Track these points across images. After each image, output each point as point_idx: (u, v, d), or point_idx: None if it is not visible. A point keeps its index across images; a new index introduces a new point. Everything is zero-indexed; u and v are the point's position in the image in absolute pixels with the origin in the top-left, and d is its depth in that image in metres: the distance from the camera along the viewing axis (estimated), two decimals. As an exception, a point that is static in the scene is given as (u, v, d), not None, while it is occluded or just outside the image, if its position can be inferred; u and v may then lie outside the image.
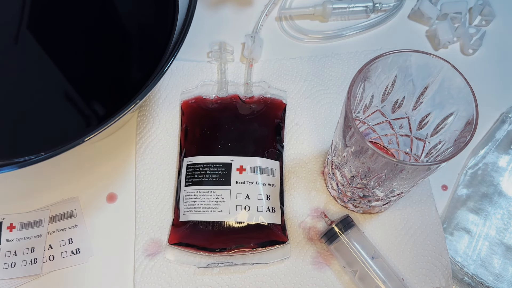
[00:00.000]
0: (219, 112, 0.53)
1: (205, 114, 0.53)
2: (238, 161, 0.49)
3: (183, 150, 0.52)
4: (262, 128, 0.52)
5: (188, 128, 0.52)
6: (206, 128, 0.52)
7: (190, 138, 0.52)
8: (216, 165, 0.49)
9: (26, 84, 0.49)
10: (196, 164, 0.50)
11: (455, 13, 0.59)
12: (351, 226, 0.46)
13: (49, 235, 0.48)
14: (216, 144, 0.51)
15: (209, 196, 0.48)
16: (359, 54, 0.58)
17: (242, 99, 0.54)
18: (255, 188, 0.48)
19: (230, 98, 0.54)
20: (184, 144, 0.52)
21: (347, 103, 0.35)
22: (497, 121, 0.54)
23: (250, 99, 0.54)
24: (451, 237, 0.48)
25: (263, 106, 0.53)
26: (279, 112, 0.54)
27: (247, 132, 0.51)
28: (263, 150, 0.51)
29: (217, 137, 0.51)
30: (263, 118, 0.53)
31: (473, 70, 0.57)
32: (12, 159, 0.43)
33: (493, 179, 0.51)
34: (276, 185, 0.50)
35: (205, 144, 0.51)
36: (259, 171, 0.49)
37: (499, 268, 0.47)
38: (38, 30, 0.52)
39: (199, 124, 0.52)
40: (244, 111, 0.53)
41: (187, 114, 0.53)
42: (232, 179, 0.49)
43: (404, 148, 0.45)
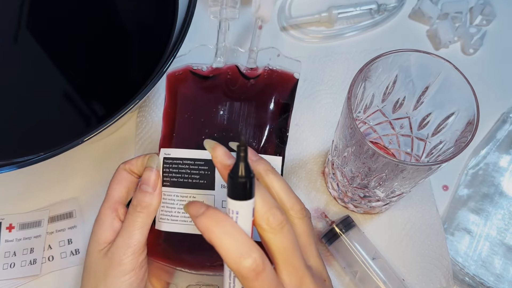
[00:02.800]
0: (208, 89, 0.42)
1: (191, 92, 0.42)
2: None
3: (164, 135, 0.42)
4: (261, 112, 0.41)
5: (169, 110, 0.42)
6: (189, 111, 0.41)
7: (170, 123, 0.42)
8: (197, 162, 0.39)
9: (25, 84, 0.49)
10: (174, 159, 0.39)
11: (456, 13, 0.59)
12: (351, 226, 0.46)
13: (49, 236, 0.48)
14: (200, 133, 0.40)
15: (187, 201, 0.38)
16: (359, 53, 0.58)
17: (241, 71, 0.42)
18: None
19: (226, 70, 0.42)
20: (164, 129, 0.42)
21: (348, 103, 0.35)
22: (498, 121, 0.54)
23: (252, 71, 0.42)
24: (452, 237, 0.48)
25: (267, 81, 0.42)
26: (286, 89, 0.42)
27: (240, 117, 0.41)
28: (259, 143, 0.40)
29: (202, 124, 0.40)
30: (264, 99, 0.41)
31: (473, 70, 0.57)
32: (12, 159, 0.43)
33: (494, 179, 0.51)
34: None
35: (186, 132, 0.41)
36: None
37: (500, 268, 0.47)
38: (37, 30, 0.52)
39: (182, 105, 0.42)
40: (240, 88, 0.42)
41: (170, 90, 0.43)
42: (217, 181, 0.38)
43: (404, 148, 0.45)
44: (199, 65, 0.43)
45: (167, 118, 0.42)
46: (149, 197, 0.37)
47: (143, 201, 0.36)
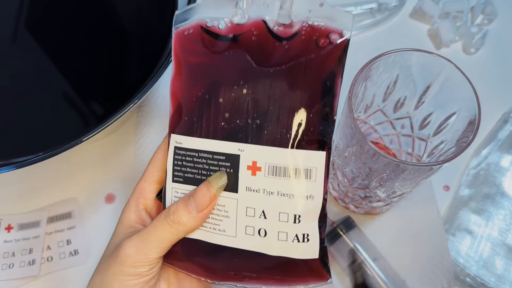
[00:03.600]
0: (228, 57, 0.32)
1: (205, 60, 0.32)
2: (251, 152, 0.31)
3: (172, 116, 0.34)
4: (299, 90, 0.30)
5: (177, 82, 0.33)
6: (203, 88, 0.32)
7: (179, 101, 0.33)
8: (217, 156, 0.32)
9: (24, 84, 0.49)
10: (187, 150, 0.32)
11: (457, 12, 0.59)
12: (352, 227, 0.46)
13: (47, 236, 0.48)
14: (218, 119, 0.32)
15: None
16: (360, 53, 0.58)
17: (270, 29, 0.31)
18: (276, 201, 0.30)
19: (250, 28, 0.32)
20: (173, 108, 0.34)
21: (349, 103, 0.35)
22: (499, 121, 0.54)
23: (285, 29, 0.31)
24: (453, 238, 0.48)
25: (306, 44, 0.30)
26: (333, 54, 0.30)
27: (271, 98, 0.31)
28: (296, 135, 0.30)
29: (220, 107, 0.32)
30: (304, 70, 0.30)
31: (475, 69, 0.57)
32: (10, 159, 0.43)
33: (495, 180, 0.50)
34: (315, 197, 0.30)
35: (200, 116, 0.32)
36: (286, 173, 0.30)
37: (501, 269, 0.47)
38: (36, 30, 0.52)
39: (194, 79, 0.33)
40: (270, 55, 0.31)
41: (178, 55, 0.33)
42: (241, 182, 0.31)
43: (405, 148, 0.45)
44: (214, 20, 0.32)
45: (176, 94, 0.33)
46: (188, 217, 0.30)
47: (179, 216, 0.30)
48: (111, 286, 0.30)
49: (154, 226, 0.31)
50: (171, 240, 0.31)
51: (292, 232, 0.30)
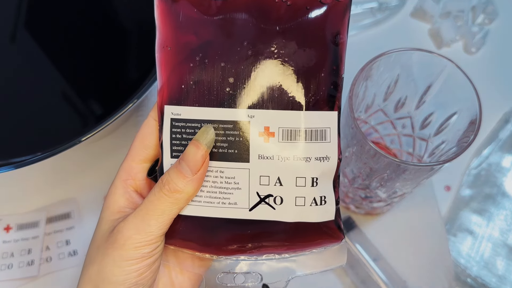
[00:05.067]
0: (226, 19, 0.30)
1: (200, 16, 0.30)
2: (262, 118, 0.29)
3: (162, 85, 0.31)
4: (307, 50, 0.29)
5: (167, 46, 0.30)
6: (202, 51, 0.30)
7: (174, 69, 0.30)
8: (224, 124, 0.29)
9: (23, 83, 0.49)
10: (187, 122, 0.30)
11: (458, 11, 0.59)
12: (352, 227, 0.46)
13: (46, 236, 0.48)
14: (222, 85, 0.29)
15: (213, 178, 0.30)
16: (361, 52, 0.57)
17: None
18: (292, 167, 0.29)
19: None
20: (163, 75, 0.31)
21: (349, 102, 0.35)
22: (500, 121, 0.54)
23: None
24: (454, 238, 0.48)
25: (308, 1, 0.29)
26: (336, 12, 0.29)
27: (279, 59, 0.29)
28: (308, 96, 0.29)
29: (223, 71, 0.29)
30: (309, 29, 0.29)
31: (476, 69, 0.57)
32: (9, 159, 0.42)
33: (496, 180, 0.50)
34: (331, 157, 0.30)
35: (202, 83, 0.30)
36: (301, 136, 0.29)
37: (503, 269, 0.46)
38: (35, 29, 0.52)
39: (189, 42, 0.30)
40: (272, 13, 0.29)
41: (162, 16, 0.30)
42: (252, 151, 0.29)
43: (406, 148, 0.45)
44: None
45: (166, 62, 0.30)
46: (184, 182, 0.28)
47: (175, 184, 0.28)
48: (112, 274, 0.28)
49: (150, 201, 0.29)
50: (172, 212, 0.29)
51: (310, 196, 0.29)
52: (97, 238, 0.30)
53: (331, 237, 0.30)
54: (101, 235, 0.30)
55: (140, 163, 0.32)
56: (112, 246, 0.28)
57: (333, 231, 0.30)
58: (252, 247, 0.30)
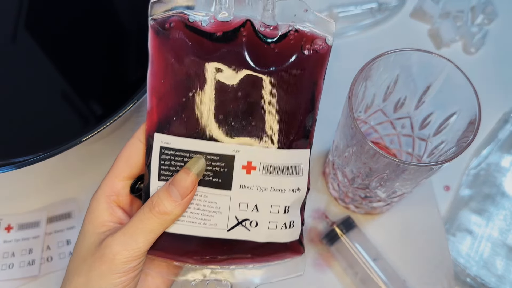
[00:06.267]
0: (219, 57, 0.31)
1: (192, 58, 0.31)
2: (246, 153, 0.31)
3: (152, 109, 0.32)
4: (291, 93, 0.32)
5: (159, 80, 0.32)
6: (194, 88, 0.31)
7: (164, 100, 0.32)
8: (211, 156, 0.31)
9: (23, 84, 0.49)
10: (177, 151, 0.32)
11: (457, 12, 0.59)
12: (352, 227, 0.46)
13: (47, 236, 0.48)
14: (212, 120, 0.31)
15: (197, 201, 0.32)
16: (360, 53, 0.57)
17: (257, 29, 0.31)
18: (269, 196, 0.32)
19: (238, 27, 0.31)
20: (155, 108, 0.32)
21: (349, 103, 0.35)
22: (499, 121, 0.54)
23: (272, 31, 0.31)
24: (453, 238, 0.48)
25: (295, 48, 0.32)
26: (319, 60, 0.32)
27: (265, 100, 0.31)
28: (287, 136, 0.32)
29: (214, 109, 0.31)
30: (295, 74, 0.32)
31: (475, 69, 0.57)
32: (10, 159, 0.42)
33: (495, 180, 0.50)
34: (302, 189, 0.33)
35: (192, 116, 0.31)
36: (279, 171, 0.32)
37: (502, 269, 0.47)
38: (35, 30, 0.52)
39: (181, 79, 0.31)
40: (262, 56, 0.31)
41: (158, 51, 0.31)
42: (235, 181, 0.31)
43: (406, 148, 0.45)
44: (196, 15, 0.31)
45: (159, 92, 0.31)
46: (173, 206, 0.30)
47: (165, 206, 0.30)
48: (99, 285, 0.30)
49: (140, 220, 0.30)
50: (159, 230, 0.31)
51: (282, 221, 0.32)
52: (82, 250, 0.31)
53: (294, 252, 0.34)
54: (87, 248, 0.31)
55: (123, 180, 0.33)
56: (100, 260, 0.30)
57: (296, 247, 0.34)
58: (225, 259, 0.33)
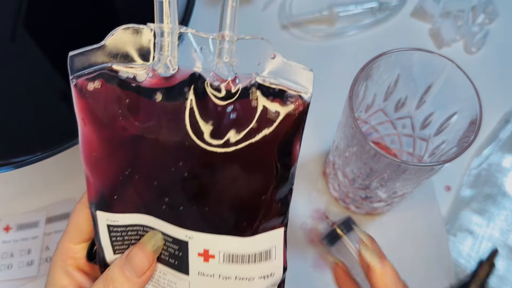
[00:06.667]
0: (156, 121, 0.25)
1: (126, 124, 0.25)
2: (201, 241, 0.26)
3: (90, 184, 0.28)
4: (253, 169, 0.25)
5: (94, 153, 0.26)
6: (130, 166, 0.26)
7: (102, 175, 0.26)
8: (165, 236, 0.27)
9: (22, 83, 0.49)
10: (127, 226, 0.27)
11: (458, 11, 0.59)
12: (353, 227, 0.45)
13: (46, 237, 0.48)
14: (158, 202, 0.26)
15: (157, 276, 0.28)
16: (361, 52, 0.57)
17: (209, 84, 0.24)
18: (235, 285, 0.27)
19: (182, 85, 0.24)
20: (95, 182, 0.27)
21: (349, 102, 0.35)
22: (500, 121, 0.53)
23: (228, 87, 0.24)
24: (454, 238, 0.48)
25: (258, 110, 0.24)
26: (291, 122, 0.25)
27: (220, 180, 0.25)
28: (252, 220, 0.26)
29: (157, 189, 0.26)
30: (259, 143, 0.24)
31: (476, 69, 0.56)
32: (9, 159, 0.42)
33: (496, 180, 0.50)
34: (275, 273, 0.27)
35: (135, 196, 0.26)
36: (244, 259, 0.26)
37: (503, 270, 0.46)
38: (35, 29, 0.52)
39: (115, 150, 0.25)
40: (213, 124, 0.24)
41: (85, 115, 0.25)
42: (192, 267, 0.26)
43: (407, 148, 0.44)
44: (129, 69, 0.24)
45: (92, 164, 0.26)
46: (128, 285, 0.27)
47: (120, 285, 0.27)
48: None
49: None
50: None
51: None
52: None
53: None
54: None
55: (78, 243, 0.30)
56: None
57: None
58: None
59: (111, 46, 0.24)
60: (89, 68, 0.24)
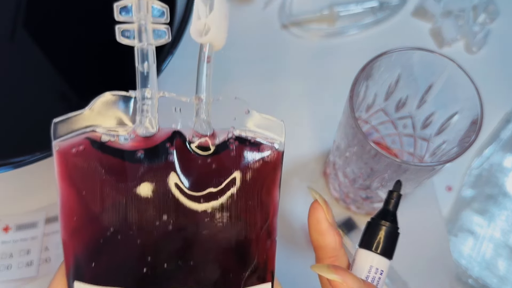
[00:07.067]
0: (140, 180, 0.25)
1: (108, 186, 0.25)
2: None
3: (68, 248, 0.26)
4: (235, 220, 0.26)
5: (75, 217, 0.26)
6: (113, 226, 0.25)
7: (81, 239, 0.26)
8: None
9: (22, 83, 0.49)
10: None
11: (459, 11, 0.59)
12: (353, 228, 0.45)
13: (45, 237, 0.48)
14: (139, 263, 0.25)
15: None
16: (361, 52, 0.57)
17: (189, 141, 0.26)
18: None
19: (164, 143, 0.25)
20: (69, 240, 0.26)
21: (350, 102, 0.35)
22: (501, 121, 0.53)
23: (207, 141, 0.26)
24: (455, 238, 0.48)
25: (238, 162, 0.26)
26: (268, 171, 0.27)
27: (204, 234, 0.25)
28: (240, 274, 0.26)
29: (140, 249, 0.25)
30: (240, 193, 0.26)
31: (477, 68, 0.56)
32: (8, 159, 0.42)
33: (497, 180, 0.50)
34: None
35: (115, 260, 0.25)
36: None
37: (504, 270, 0.46)
38: (34, 29, 0.52)
39: (97, 212, 0.25)
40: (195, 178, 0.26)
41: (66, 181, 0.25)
42: None
43: (407, 148, 0.44)
44: (112, 131, 0.25)
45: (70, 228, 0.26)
46: None
47: None
48: None
49: None
50: None
51: None
52: None
53: None
54: None
55: None
56: None
57: None
58: None
59: (95, 112, 0.26)
60: (72, 133, 0.25)
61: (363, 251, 0.28)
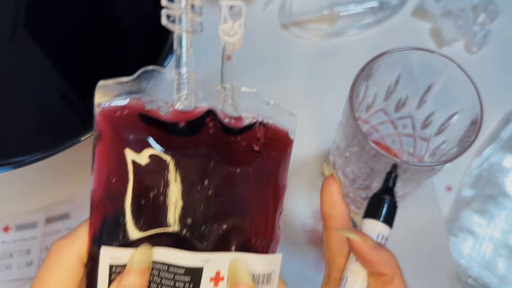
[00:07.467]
0: (181, 148, 0.27)
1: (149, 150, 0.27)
2: (216, 262, 0.27)
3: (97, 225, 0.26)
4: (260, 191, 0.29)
5: (112, 177, 0.26)
6: (150, 185, 0.27)
7: (116, 203, 0.26)
8: (174, 269, 0.26)
9: (21, 82, 0.49)
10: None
11: (459, 11, 0.59)
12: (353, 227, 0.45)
13: (45, 237, 0.48)
14: (179, 226, 0.27)
15: None
16: (361, 52, 0.57)
17: (221, 121, 0.28)
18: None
19: (203, 118, 0.28)
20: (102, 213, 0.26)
21: (350, 102, 0.35)
22: (501, 121, 0.53)
23: (236, 123, 0.29)
24: (455, 238, 0.48)
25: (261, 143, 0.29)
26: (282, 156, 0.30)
27: (236, 201, 0.28)
28: (262, 239, 0.29)
29: (181, 211, 0.27)
30: (262, 170, 0.29)
31: (477, 68, 0.56)
32: (7, 159, 0.42)
33: (497, 180, 0.50)
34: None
35: (154, 224, 0.27)
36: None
37: (504, 270, 0.46)
38: (34, 28, 0.52)
39: (138, 174, 0.27)
40: (230, 151, 0.29)
41: (108, 144, 0.27)
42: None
43: (407, 148, 0.44)
44: (153, 102, 0.27)
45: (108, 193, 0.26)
46: None
47: None
48: None
49: None
50: None
51: None
52: None
53: None
54: None
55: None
56: None
57: None
58: None
59: (135, 83, 0.27)
60: (115, 98, 0.27)
61: (369, 220, 0.31)
